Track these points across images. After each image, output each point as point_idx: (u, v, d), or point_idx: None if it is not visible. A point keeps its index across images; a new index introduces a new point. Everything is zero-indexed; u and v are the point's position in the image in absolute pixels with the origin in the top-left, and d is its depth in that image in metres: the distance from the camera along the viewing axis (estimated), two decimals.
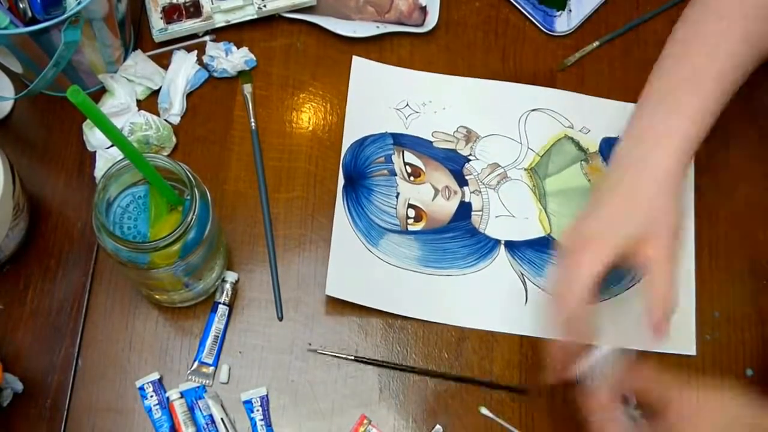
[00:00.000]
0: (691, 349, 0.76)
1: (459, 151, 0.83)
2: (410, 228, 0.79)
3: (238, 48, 0.85)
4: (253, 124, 0.83)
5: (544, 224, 0.80)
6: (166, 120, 0.82)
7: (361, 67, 0.85)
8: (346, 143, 0.81)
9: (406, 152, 0.82)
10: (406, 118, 0.83)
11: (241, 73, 0.85)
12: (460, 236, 0.79)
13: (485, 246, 0.79)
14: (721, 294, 0.78)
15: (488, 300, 0.77)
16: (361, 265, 0.76)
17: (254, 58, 0.85)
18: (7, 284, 0.76)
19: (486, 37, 0.89)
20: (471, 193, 0.81)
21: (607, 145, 0.84)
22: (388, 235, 0.78)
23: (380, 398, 0.73)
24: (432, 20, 0.88)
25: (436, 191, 0.81)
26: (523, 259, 0.79)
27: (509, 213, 0.81)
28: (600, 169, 0.83)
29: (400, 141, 0.82)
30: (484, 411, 0.73)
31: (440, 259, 0.78)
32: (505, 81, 0.86)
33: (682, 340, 0.76)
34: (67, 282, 0.76)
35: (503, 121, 0.84)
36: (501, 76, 0.86)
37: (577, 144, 0.84)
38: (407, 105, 0.84)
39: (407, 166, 0.81)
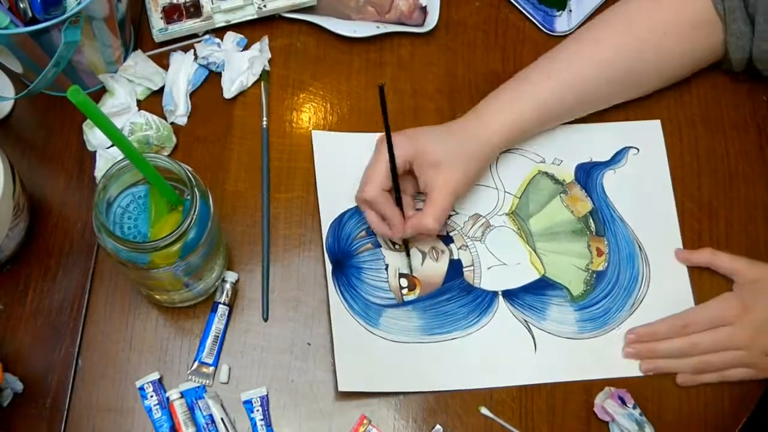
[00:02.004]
0: None
1: None
2: (406, 298, 0.76)
3: (221, 39, 0.85)
4: (264, 122, 0.83)
5: (536, 266, 0.79)
6: (173, 122, 0.82)
7: (321, 140, 0.82)
8: (325, 224, 0.78)
9: None
10: None
11: (262, 73, 0.85)
12: (456, 296, 0.77)
13: (483, 300, 0.77)
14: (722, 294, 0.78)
15: (498, 355, 0.75)
16: (367, 351, 0.74)
17: (244, 37, 0.85)
18: (7, 284, 0.76)
19: (486, 37, 0.89)
20: (458, 249, 0.79)
21: (583, 172, 0.83)
22: (386, 311, 0.76)
23: (380, 398, 0.73)
24: (432, 20, 0.88)
25: (424, 254, 0.78)
26: (524, 305, 0.77)
27: (500, 261, 0.79)
28: (581, 198, 0.82)
29: None
30: (484, 411, 0.73)
31: (442, 324, 0.76)
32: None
33: None
34: (67, 282, 0.76)
35: None
36: (501, 76, 0.85)
37: (552, 177, 0.83)
38: None
39: None
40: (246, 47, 0.86)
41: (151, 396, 0.72)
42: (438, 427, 0.73)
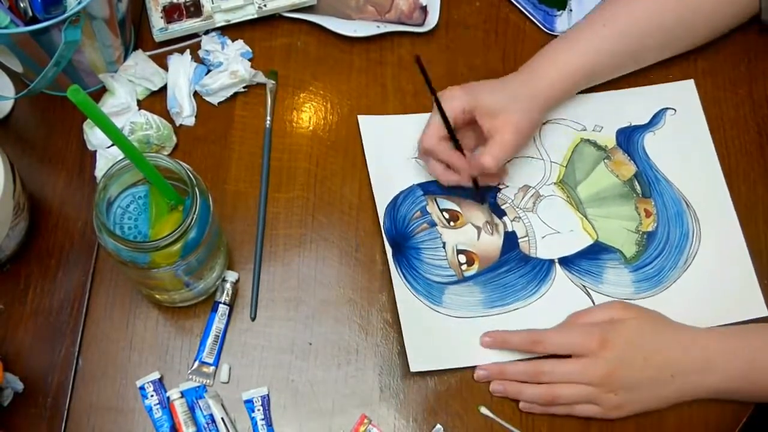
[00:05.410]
0: (763, 311, 0.77)
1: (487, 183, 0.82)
2: (466, 274, 0.78)
3: (233, 41, 0.85)
4: (268, 121, 0.83)
5: (589, 232, 0.80)
6: (182, 124, 0.82)
7: (368, 124, 0.84)
8: (380, 207, 0.80)
9: (438, 199, 0.81)
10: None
11: (270, 71, 0.85)
12: (514, 267, 0.78)
13: (541, 270, 0.78)
14: None
15: (560, 321, 0.76)
16: (433, 329, 0.75)
17: (250, 50, 0.85)
18: (7, 284, 0.76)
19: (486, 37, 0.89)
20: (511, 221, 0.81)
21: (623, 136, 0.84)
22: (447, 288, 0.77)
23: (380, 398, 0.73)
24: (432, 20, 0.88)
25: (479, 229, 0.80)
26: (581, 271, 0.78)
27: (554, 230, 0.80)
28: (624, 162, 0.83)
29: (429, 189, 0.81)
30: (484, 410, 0.73)
31: (503, 296, 0.77)
32: None
33: (753, 304, 0.77)
34: (67, 282, 0.76)
35: None
36: (501, 75, 0.85)
37: (595, 144, 0.84)
38: None
39: (444, 213, 0.80)
40: (251, 60, 0.85)
41: (152, 395, 0.72)
42: (438, 426, 0.73)
